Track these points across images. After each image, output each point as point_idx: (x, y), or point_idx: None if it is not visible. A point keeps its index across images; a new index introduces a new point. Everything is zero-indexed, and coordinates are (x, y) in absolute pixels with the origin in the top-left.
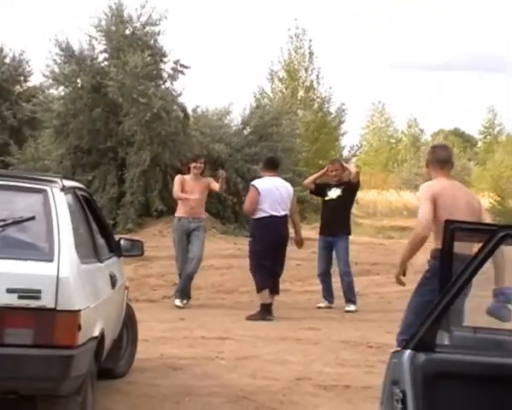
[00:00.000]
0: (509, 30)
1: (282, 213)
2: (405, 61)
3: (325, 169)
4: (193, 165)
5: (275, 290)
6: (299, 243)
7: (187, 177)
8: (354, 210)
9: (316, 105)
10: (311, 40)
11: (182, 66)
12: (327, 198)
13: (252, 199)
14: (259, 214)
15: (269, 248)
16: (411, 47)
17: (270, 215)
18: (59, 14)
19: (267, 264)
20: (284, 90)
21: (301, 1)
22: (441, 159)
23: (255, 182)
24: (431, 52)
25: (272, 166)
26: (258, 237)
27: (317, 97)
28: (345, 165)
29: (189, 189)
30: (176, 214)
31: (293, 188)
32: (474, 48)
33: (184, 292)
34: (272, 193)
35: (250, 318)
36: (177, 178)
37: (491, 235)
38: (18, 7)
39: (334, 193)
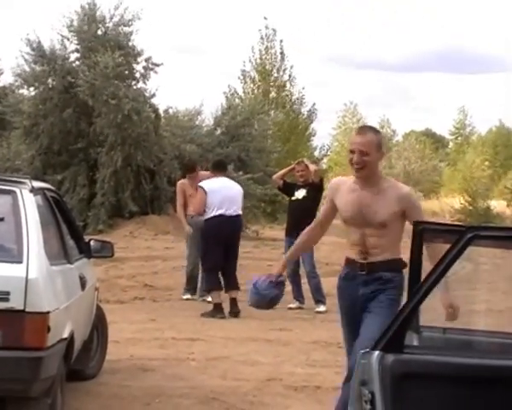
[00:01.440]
0: (482, 31)
1: (233, 212)
2: (376, 61)
3: (292, 166)
4: (188, 175)
5: (235, 287)
6: None
7: (186, 181)
8: None
9: (288, 106)
10: (281, 41)
11: (153, 64)
12: (293, 198)
13: (200, 200)
14: (209, 214)
15: (220, 247)
16: (382, 47)
17: (220, 215)
18: (30, 12)
19: (220, 263)
20: (256, 90)
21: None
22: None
23: (202, 183)
24: (402, 53)
25: (220, 167)
26: (210, 237)
27: (289, 99)
28: (308, 164)
29: (191, 193)
30: (187, 213)
31: (264, 187)
32: (445, 48)
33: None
34: (220, 193)
35: (203, 315)
36: (179, 188)
37: (460, 236)
38: None
39: (299, 193)
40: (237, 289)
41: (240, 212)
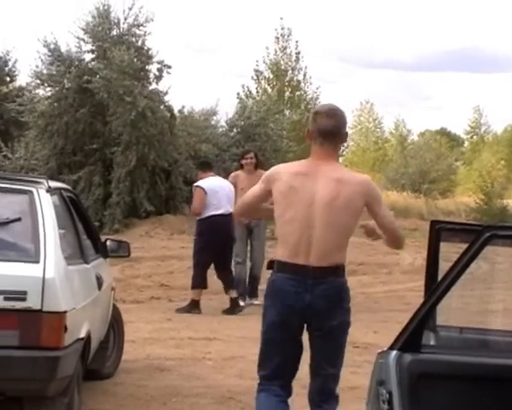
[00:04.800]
0: (497, 30)
1: (229, 211)
2: (391, 60)
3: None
4: (243, 161)
5: (230, 285)
6: None
7: (241, 173)
8: None
9: (302, 106)
10: (297, 41)
11: (165, 66)
12: None
13: (199, 199)
14: (207, 213)
15: (216, 245)
16: (398, 47)
17: (218, 214)
18: (45, 14)
19: (212, 261)
20: (270, 90)
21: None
22: (322, 129)
23: (200, 183)
24: (417, 52)
25: (209, 167)
26: (206, 235)
27: (304, 99)
28: None
29: (244, 186)
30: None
31: None
32: (460, 48)
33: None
34: (218, 192)
35: (178, 310)
36: (231, 179)
37: (477, 235)
38: (4, 6)
39: None
40: (232, 288)
41: (232, 210)
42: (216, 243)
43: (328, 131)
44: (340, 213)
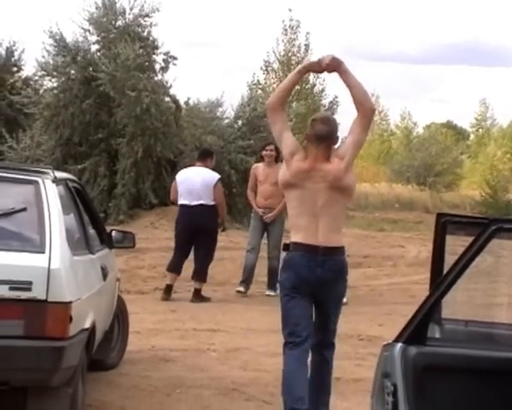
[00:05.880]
0: (503, 23)
1: (194, 202)
2: (396, 53)
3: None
4: (264, 152)
5: (199, 278)
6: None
7: (260, 166)
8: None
9: (310, 99)
10: (308, 33)
11: (171, 57)
12: None
13: (172, 188)
14: (179, 202)
15: (183, 234)
16: (403, 39)
17: (183, 204)
18: (52, 4)
19: (185, 249)
20: (278, 82)
21: None
22: (318, 134)
23: (178, 173)
24: (423, 45)
25: (200, 156)
26: (176, 222)
27: (311, 92)
28: None
29: (262, 178)
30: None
31: None
32: (466, 41)
33: (274, 283)
34: (185, 183)
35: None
36: (252, 170)
37: (484, 228)
38: None
39: None
40: (201, 281)
41: (203, 202)
42: (182, 231)
43: (324, 135)
44: (336, 200)
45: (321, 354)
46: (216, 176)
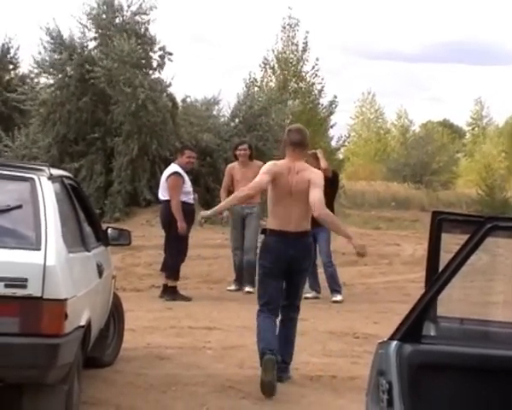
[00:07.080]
0: (499, 22)
1: (161, 198)
2: (392, 52)
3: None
4: (237, 152)
5: (164, 270)
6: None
7: (235, 165)
8: (342, 201)
9: (307, 97)
10: (307, 31)
11: (167, 53)
12: None
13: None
14: None
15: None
16: (399, 38)
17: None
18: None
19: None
20: (275, 80)
21: None
22: (294, 141)
23: None
24: (419, 43)
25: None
26: None
27: (308, 91)
28: (320, 158)
29: (239, 177)
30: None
31: None
32: (462, 39)
33: (252, 279)
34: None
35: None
36: (227, 169)
37: (479, 226)
38: None
39: None
40: (168, 277)
41: (162, 197)
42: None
43: (298, 142)
44: (305, 194)
45: (288, 314)
46: (170, 170)
